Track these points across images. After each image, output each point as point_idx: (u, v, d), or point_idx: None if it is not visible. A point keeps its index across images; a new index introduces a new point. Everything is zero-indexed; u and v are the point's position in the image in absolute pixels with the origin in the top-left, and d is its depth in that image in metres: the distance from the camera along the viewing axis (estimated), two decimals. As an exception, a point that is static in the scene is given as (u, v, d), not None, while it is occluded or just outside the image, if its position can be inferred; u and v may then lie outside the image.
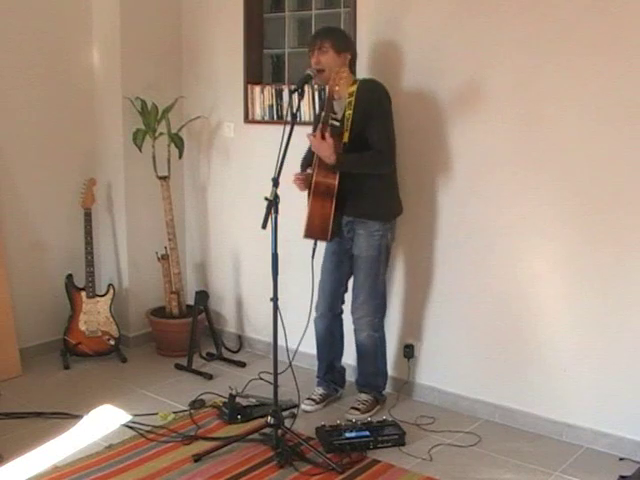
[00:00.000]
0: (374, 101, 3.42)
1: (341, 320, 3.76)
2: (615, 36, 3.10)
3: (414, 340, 3.87)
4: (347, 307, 3.71)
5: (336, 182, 3.36)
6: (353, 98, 3.36)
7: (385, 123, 3.45)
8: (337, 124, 3.37)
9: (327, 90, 3.36)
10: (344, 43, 3.50)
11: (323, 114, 3.35)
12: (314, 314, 3.71)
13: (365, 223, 3.50)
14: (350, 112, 3.36)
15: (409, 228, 3.79)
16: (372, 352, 3.66)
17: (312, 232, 3.49)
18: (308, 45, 3.54)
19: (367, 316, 3.58)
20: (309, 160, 3.59)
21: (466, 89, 3.52)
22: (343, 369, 3.86)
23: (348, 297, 3.69)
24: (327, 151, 3.30)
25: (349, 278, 3.67)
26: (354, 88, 3.38)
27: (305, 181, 3.51)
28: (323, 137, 3.30)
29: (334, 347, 3.79)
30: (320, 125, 3.34)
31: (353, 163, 3.37)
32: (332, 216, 3.41)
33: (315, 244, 3.55)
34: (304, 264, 3.56)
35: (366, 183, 3.43)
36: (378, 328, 3.64)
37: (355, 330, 3.65)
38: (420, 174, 3.73)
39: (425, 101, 3.65)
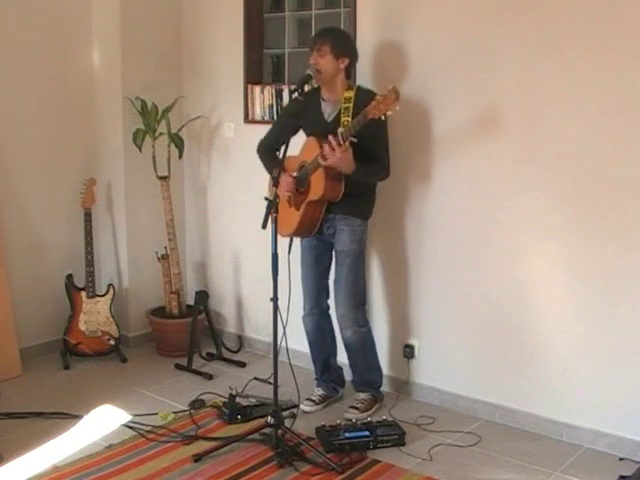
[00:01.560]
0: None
1: (329, 316, 3.76)
2: (616, 36, 3.10)
3: (414, 340, 3.87)
4: (332, 302, 3.71)
5: (341, 194, 3.40)
6: (351, 105, 3.35)
7: (386, 137, 3.50)
8: (355, 141, 3.26)
9: (363, 114, 3.15)
10: (344, 47, 3.45)
11: (342, 131, 3.24)
12: (302, 312, 3.71)
13: (347, 219, 3.51)
14: (348, 119, 3.35)
15: (410, 228, 3.79)
16: (360, 348, 3.66)
17: (298, 233, 3.54)
18: (309, 44, 3.52)
19: (350, 313, 3.58)
20: (276, 141, 3.56)
21: (467, 89, 3.52)
22: (340, 368, 3.86)
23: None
24: (348, 163, 3.29)
25: (329, 271, 3.68)
26: (351, 94, 3.38)
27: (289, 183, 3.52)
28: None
29: (326, 344, 3.79)
30: (340, 139, 3.22)
31: (363, 173, 3.39)
32: (321, 219, 3.47)
33: (291, 240, 3.57)
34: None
35: (352, 184, 3.42)
36: (363, 323, 3.64)
37: (341, 329, 3.64)
38: (421, 173, 3.73)
39: (426, 100, 3.65)
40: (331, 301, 3.73)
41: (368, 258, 3.80)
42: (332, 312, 3.74)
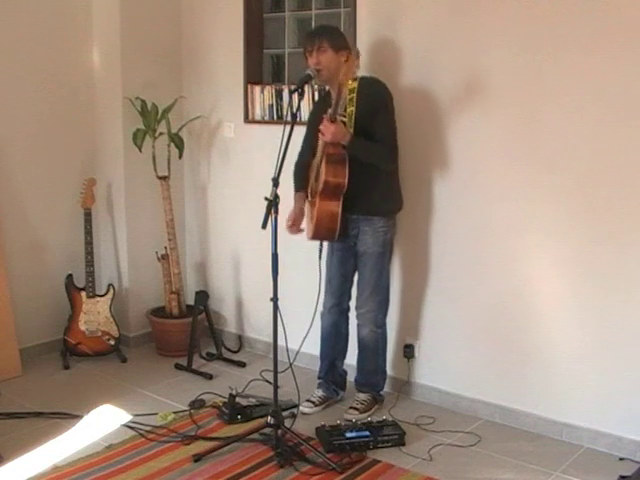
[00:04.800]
0: (378, 98, 3.45)
1: (348, 317, 3.77)
2: (615, 35, 3.10)
3: (414, 340, 3.87)
4: (353, 303, 3.71)
5: (346, 181, 3.37)
6: (354, 95, 3.38)
7: (389, 120, 3.49)
8: (345, 120, 3.35)
9: (337, 86, 3.23)
10: (341, 41, 3.49)
11: (330, 111, 3.30)
12: (321, 309, 3.71)
13: (370, 220, 3.52)
14: (352, 109, 3.36)
15: (410, 227, 3.79)
16: (373, 348, 3.67)
17: (320, 234, 3.51)
18: (304, 45, 3.51)
19: (371, 311, 3.60)
20: (309, 152, 3.60)
21: (467, 87, 3.52)
22: (345, 372, 3.86)
23: (354, 293, 3.70)
24: (341, 131, 3.30)
25: (354, 273, 3.68)
26: (355, 85, 3.40)
27: (299, 221, 3.60)
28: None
29: (338, 344, 3.79)
30: (329, 117, 3.30)
31: (363, 147, 3.37)
32: (340, 216, 3.42)
33: (321, 245, 3.58)
34: (304, 264, 3.56)
35: (370, 181, 3.44)
36: (381, 324, 3.66)
37: (358, 325, 3.66)
38: (420, 172, 3.72)
39: (426, 99, 3.65)
40: (352, 302, 3.73)
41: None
42: (351, 313, 3.75)
